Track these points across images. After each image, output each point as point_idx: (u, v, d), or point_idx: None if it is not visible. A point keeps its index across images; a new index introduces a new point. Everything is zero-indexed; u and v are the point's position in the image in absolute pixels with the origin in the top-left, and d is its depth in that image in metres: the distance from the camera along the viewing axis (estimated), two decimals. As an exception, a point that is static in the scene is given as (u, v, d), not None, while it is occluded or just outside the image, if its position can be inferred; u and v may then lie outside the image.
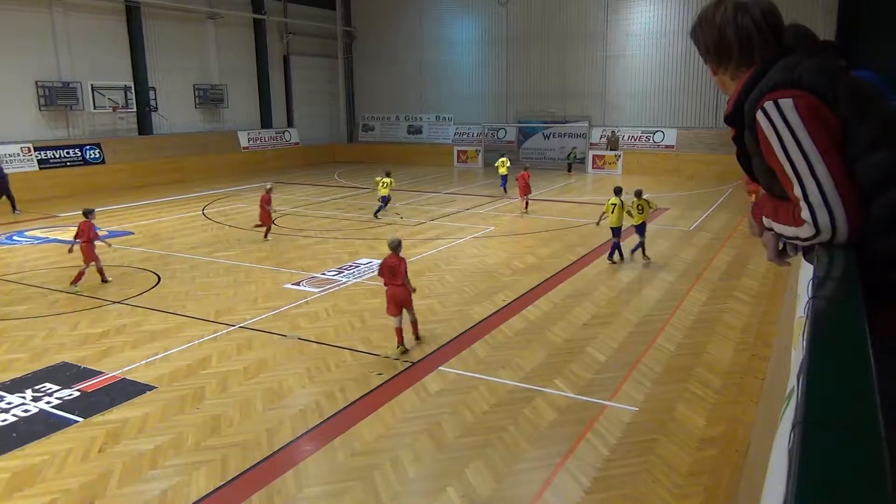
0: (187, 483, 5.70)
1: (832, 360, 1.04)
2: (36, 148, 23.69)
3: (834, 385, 0.95)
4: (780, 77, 1.91)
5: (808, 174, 1.79)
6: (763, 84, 1.94)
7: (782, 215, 1.96)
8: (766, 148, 1.90)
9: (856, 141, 1.81)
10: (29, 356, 8.62)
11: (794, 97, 1.83)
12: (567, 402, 7.15)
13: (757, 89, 1.95)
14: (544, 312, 10.27)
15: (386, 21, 36.17)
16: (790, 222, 1.91)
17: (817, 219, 1.78)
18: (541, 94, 32.66)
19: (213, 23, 30.67)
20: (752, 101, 1.94)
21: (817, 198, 1.77)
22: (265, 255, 14.24)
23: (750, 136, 1.99)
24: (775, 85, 1.90)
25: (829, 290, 1.50)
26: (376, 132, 38.17)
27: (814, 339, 1.11)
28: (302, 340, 9.10)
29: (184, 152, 28.53)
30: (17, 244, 15.85)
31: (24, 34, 23.64)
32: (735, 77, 2.13)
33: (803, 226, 1.83)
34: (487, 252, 14.43)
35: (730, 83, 2.16)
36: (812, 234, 1.82)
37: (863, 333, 1.06)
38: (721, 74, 2.21)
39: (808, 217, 1.80)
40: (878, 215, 1.75)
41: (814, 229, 1.80)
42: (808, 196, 1.79)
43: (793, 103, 1.83)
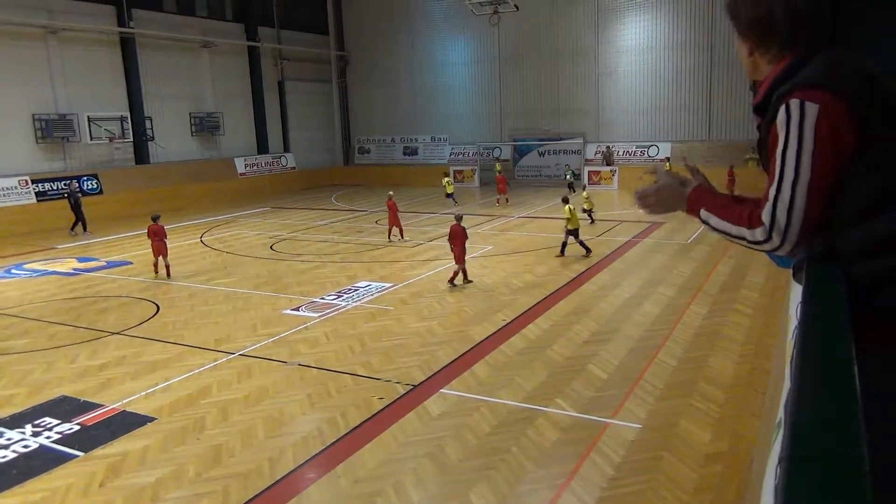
0: (189, 516, 5.65)
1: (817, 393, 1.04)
2: (33, 181, 23.77)
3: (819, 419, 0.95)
4: (817, 76, 1.79)
5: (790, 183, 1.76)
6: (797, 79, 1.81)
7: (731, 213, 1.93)
8: (772, 142, 1.85)
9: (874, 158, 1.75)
10: (28, 391, 8.58)
11: (822, 106, 1.73)
12: (570, 421, 7.11)
13: (790, 83, 1.82)
14: (544, 331, 10.25)
15: (379, 44, 36.50)
16: (740, 222, 1.89)
17: (774, 226, 1.78)
18: (535, 112, 32.88)
19: (207, 51, 30.94)
20: (781, 94, 1.83)
21: (784, 208, 1.76)
22: (263, 281, 14.24)
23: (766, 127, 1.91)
24: (809, 83, 1.78)
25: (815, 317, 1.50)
26: (372, 154, 38.34)
27: (800, 370, 1.11)
28: (302, 366, 9.07)
29: (181, 180, 28.63)
30: (16, 277, 15.85)
31: (20, 67, 23.82)
32: (773, 62, 1.97)
33: (757, 228, 1.82)
34: (486, 271, 14.43)
35: (765, 67, 2.00)
36: (762, 240, 1.82)
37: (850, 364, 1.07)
38: (758, 56, 2.02)
39: (767, 220, 1.79)
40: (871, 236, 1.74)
41: (767, 234, 1.80)
42: (777, 201, 1.78)
43: (817, 111, 1.73)
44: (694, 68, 29.34)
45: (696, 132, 29.84)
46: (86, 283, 14.88)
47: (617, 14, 30.64)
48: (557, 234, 18.76)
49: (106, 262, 17.18)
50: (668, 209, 2.17)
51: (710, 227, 2.01)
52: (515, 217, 22.55)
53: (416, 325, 10.74)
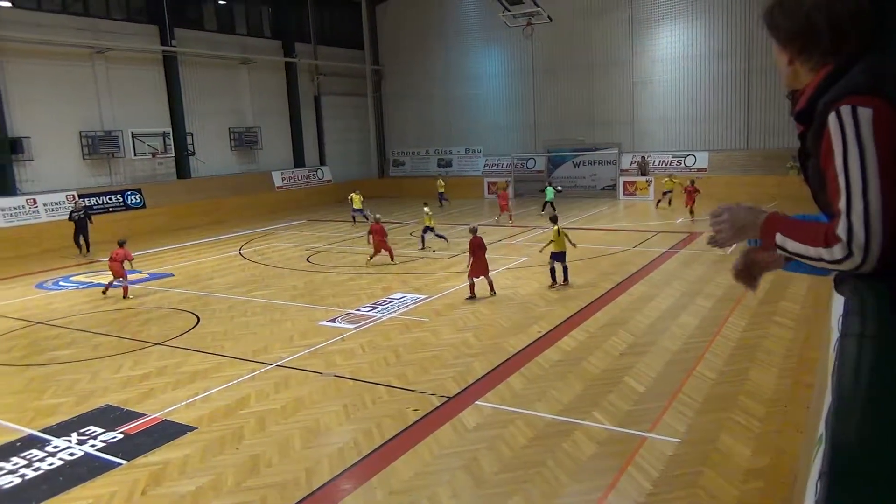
0: (228, 525, 5.73)
1: (859, 406, 1.02)
2: (81, 195, 24.49)
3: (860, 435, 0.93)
4: (864, 80, 1.74)
5: (860, 192, 1.67)
6: (843, 84, 1.76)
7: (806, 234, 1.82)
8: (826, 152, 1.76)
9: None
10: (74, 399, 8.82)
11: (875, 108, 1.68)
12: (606, 434, 7.03)
13: (836, 89, 1.77)
14: (580, 343, 10.16)
15: (413, 58, 36.85)
16: (816, 242, 1.78)
17: (853, 240, 1.67)
18: (569, 123, 32.76)
19: (246, 68, 31.62)
20: (828, 101, 1.77)
21: (860, 219, 1.67)
22: (300, 293, 14.41)
23: (814, 136, 1.84)
24: (857, 88, 1.73)
25: (858, 329, 1.47)
26: (407, 167, 38.62)
27: (840, 384, 1.09)
28: (338, 377, 9.14)
29: (220, 194, 29.23)
30: (63, 289, 16.33)
31: (69, 87, 24.70)
32: (815, 69, 1.91)
33: (835, 246, 1.71)
34: (521, 283, 14.38)
35: (805, 75, 1.95)
36: (841, 257, 1.70)
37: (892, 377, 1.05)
38: (798, 65, 1.97)
39: (844, 235, 1.69)
40: None
41: (846, 250, 1.69)
42: (851, 214, 1.68)
43: (871, 115, 1.68)
44: (731, 76, 28.92)
45: (734, 141, 29.37)
46: (130, 294, 15.22)
47: (651, 23, 30.41)
48: (595, 244, 18.63)
49: (148, 274, 17.60)
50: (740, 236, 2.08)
51: (787, 253, 1.90)
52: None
53: (451, 337, 10.74)
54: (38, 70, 23.76)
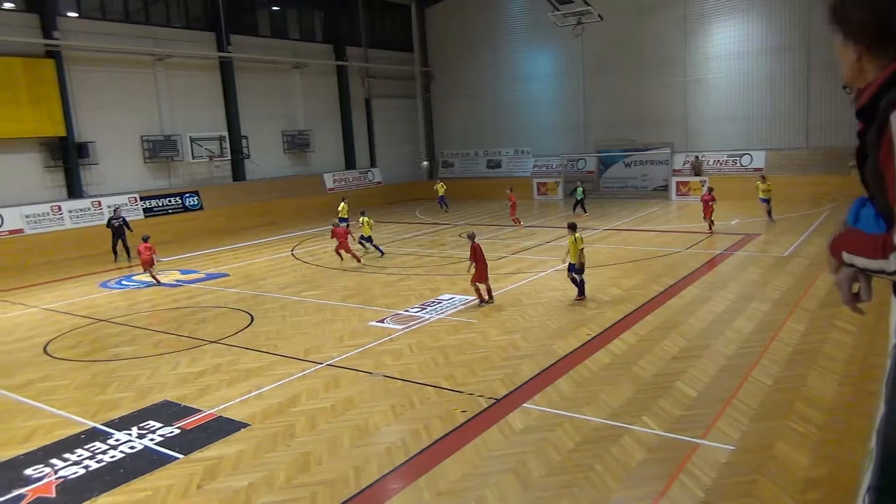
0: (279, 520, 5.86)
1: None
2: (141, 198, 25.46)
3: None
4: None
5: None
6: None
7: (867, 247, 1.76)
8: (885, 153, 1.70)
9: None
10: (135, 395, 9.16)
11: None
12: (657, 440, 6.90)
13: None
14: (630, 346, 10.01)
15: (462, 59, 36.93)
16: (875, 254, 1.71)
17: None
18: (620, 123, 32.28)
19: (298, 72, 32.25)
20: (892, 100, 1.70)
21: None
22: (350, 294, 14.61)
23: (874, 135, 1.76)
24: None
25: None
26: (456, 168, 38.72)
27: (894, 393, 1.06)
28: (387, 378, 9.24)
29: (274, 196, 29.88)
30: (125, 288, 16.97)
31: (132, 93, 25.67)
32: (883, 66, 1.83)
33: (892, 255, 1.64)
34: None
35: (872, 73, 1.86)
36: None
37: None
38: (866, 62, 1.88)
39: None
40: None
41: None
42: None
43: None
44: (790, 72, 28.00)
45: (793, 139, 28.42)
46: (187, 293, 15.74)
47: (706, 19, 29.71)
48: (645, 246, 18.33)
49: (205, 274, 18.12)
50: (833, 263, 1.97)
51: (859, 270, 1.82)
52: (600, 229, 22.17)
53: (499, 339, 10.73)
54: (103, 77, 24.75)
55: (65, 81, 23.24)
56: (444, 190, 30.75)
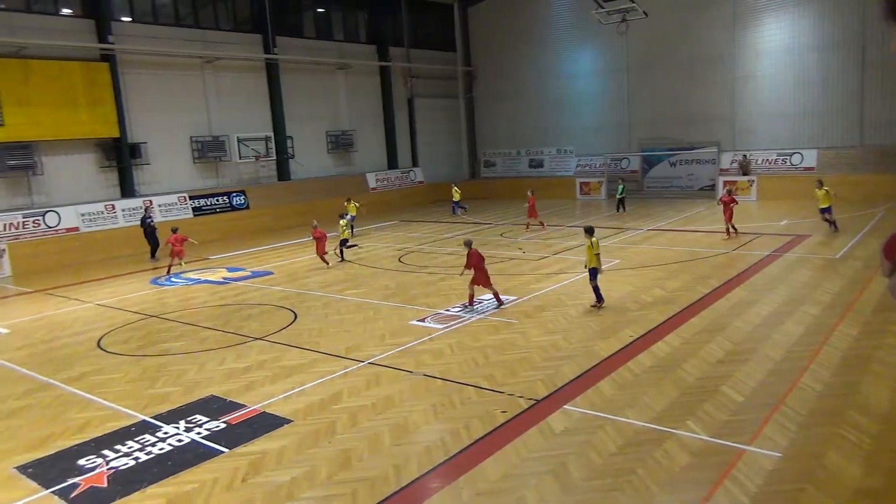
0: (321, 515, 5.95)
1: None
2: (191, 197, 26.11)
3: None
4: None
5: None
6: None
7: None
8: None
9: None
10: (183, 389, 9.41)
11: None
12: (701, 445, 6.78)
13: None
14: (674, 349, 9.84)
15: (505, 58, 36.80)
16: None
17: None
18: (665, 121, 31.72)
19: (342, 73, 32.62)
20: None
21: None
22: (391, 293, 14.72)
23: None
24: None
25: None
26: (498, 167, 38.62)
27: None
28: (427, 377, 9.28)
29: (318, 195, 30.27)
30: (175, 285, 17.43)
31: (182, 95, 26.35)
32: None
33: None
34: (613, 285, 14.06)
35: None
36: None
37: None
38: None
39: None
40: None
41: None
42: None
43: None
44: (843, 69, 27.07)
45: (846, 138, 27.48)
46: (233, 291, 16.09)
47: (756, 15, 28.96)
48: (691, 247, 17.98)
49: (251, 272, 18.50)
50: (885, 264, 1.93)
51: None
52: (644, 230, 21.84)
53: (540, 339, 10.67)
54: (154, 80, 25.46)
55: (118, 84, 23.98)
56: (458, 195, 29.68)
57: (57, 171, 22.93)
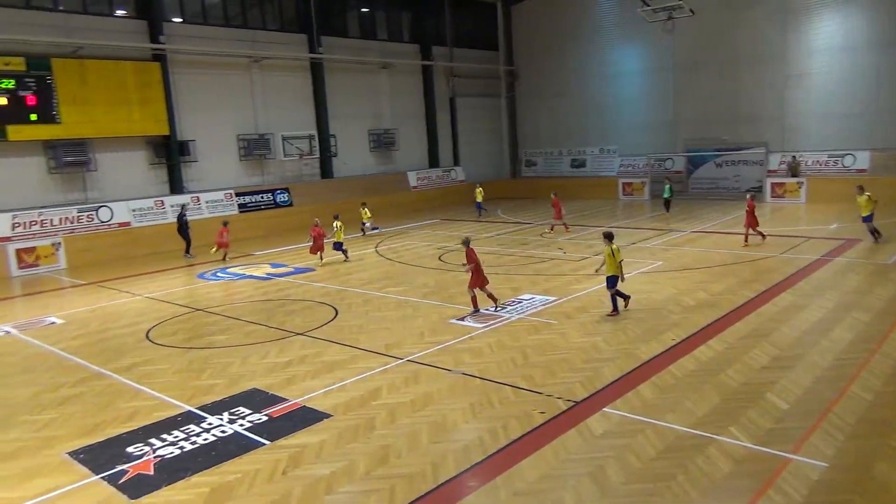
0: (359, 509, 6.03)
1: None
2: (237, 193, 26.67)
3: None
4: None
5: None
6: None
7: None
8: None
9: None
10: (227, 382, 9.63)
11: None
12: (744, 452, 6.65)
13: None
14: (718, 353, 9.66)
15: (547, 57, 36.57)
16: None
17: None
18: (711, 121, 31.08)
19: (385, 72, 32.87)
20: None
21: None
22: (431, 291, 14.79)
23: None
24: None
25: None
26: (539, 167, 38.41)
27: None
28: (466, 376, 9.31)
29: (360, 193, 30.50)
30: (220, 280, 17.83)
31: (230, 94, 26.93)
32: None
33: None
34: (655, 288, 13.88)
35: None
36: None
37: None
38: None
39: None
40: None
41: None
42: None
43: None
44: (901, 67, 26.14)
45: (902, 139, 26.52)
46: (276, 286, 16.38)
47: (807, 12, 28.16)
48: (736, 249, 17.61)
49: (293, 268, 18.80)
50: None
51: None
52: (688, 231, 21.47)
53: (580, 341, 10.60)
54: (203, 79, 26.07)
55: (169, 83, 24.63)
56: (481, 196, 29.17)
57: (110, 168, 23.68)
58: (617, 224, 24.18)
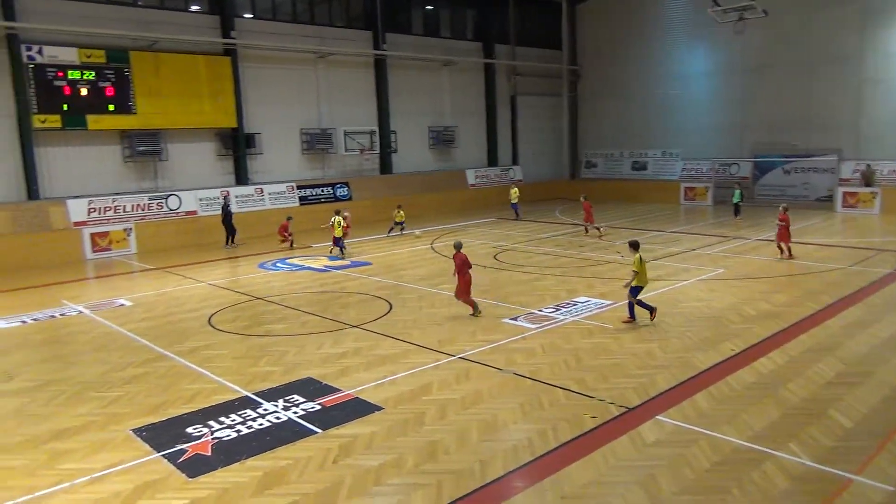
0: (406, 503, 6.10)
1: None
2: (298, 186, 27.27)
3: None
4: None
5: None
6: None
7: None
8: None
9: None
10: (283, 370, 9.88)
11: None
12: (803, 469, 6.43)
13: None
14: (779, 366, 9.36)
15: (612, 57, 36.00)
16: None
17: None
18: (781, 126, 29.99)
19: (447, 69, 32.98)
20: None
21: None
22: (485, 289, 14.78)
23: None
24: None
25: None
26: (599, 168, 37.88)
27: None
28: (517, 375, 9.30)
29: (418, 190, 30.83)
30: (280, 270, 18.29)
31: (295, 88, 27.54)
32: None
33: None
34: (715, 296, 13.53)
35: None
36: None
37: None
38: None
39: None
40: None
41: None
42: None
43: None
44: None
45: None
46: (333, 279, 16.69)
47: (886, 13, 26.83)
48: (803, 260, 17.00)
49: (350, 261, 19.11)
50: None
51: None
52: (752, 239, 20.83)
53: (635, 346, 10.44)
54: (270, 73, 26.73)
55: (238, 77, 25.36)
56: (517, 196, 28.10)
57: (180, 158, 24.56)
58: (677, 229, 23.64)
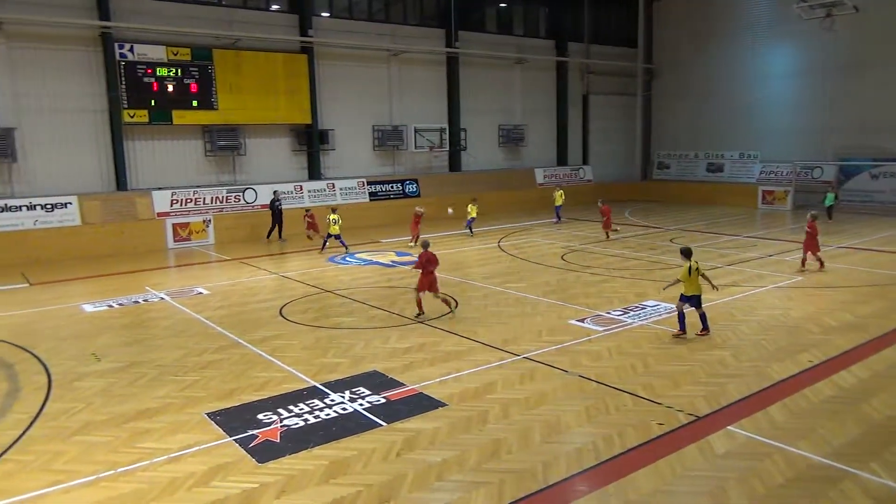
0: (467, 501, 6.11)
1: None
2: (368, 182, 27.74)
3: None
4: None
5: None
6: None
7: None
8: None
9: None
10: (350, 362, 10.08)
11: None
12: (886, 491, 6.10)
13: None
14: (861, 380, 8.90)
15: (689, 56, 35.00)
16: None
17: None
18: (870, 128, 28.43)
19: (519, 67, 32.81)
20: None
21: None
22: (552, 290, 14.67)
23: None
24: None
25: None
26: (672, 170, 36.90)
27: None
28: (583, 378, 9.18)
29: (486, 188, 30.80)
30: (349, 264, 18.65)
31: (367, 86, 28.03)
32: None
33: None
34: (792, 304, 12.98)
35: None
36: None
37: None
38: None
39: None
40: None
41: None
42: None
43: None
44: None
45: None
46: (400, 274, 16.89)
47: None
48: (889, 270, 16.09)
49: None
50: None
51: None
52: (834, 246, 19.84)
53: (706, 354, 10.13)
54: (344, 70, 27.29)
55: (314, 74, 26.00)
56: (562, 199, 27.06)
57: (257, 153, 25.39)
58: (753, 234, 22.78)
